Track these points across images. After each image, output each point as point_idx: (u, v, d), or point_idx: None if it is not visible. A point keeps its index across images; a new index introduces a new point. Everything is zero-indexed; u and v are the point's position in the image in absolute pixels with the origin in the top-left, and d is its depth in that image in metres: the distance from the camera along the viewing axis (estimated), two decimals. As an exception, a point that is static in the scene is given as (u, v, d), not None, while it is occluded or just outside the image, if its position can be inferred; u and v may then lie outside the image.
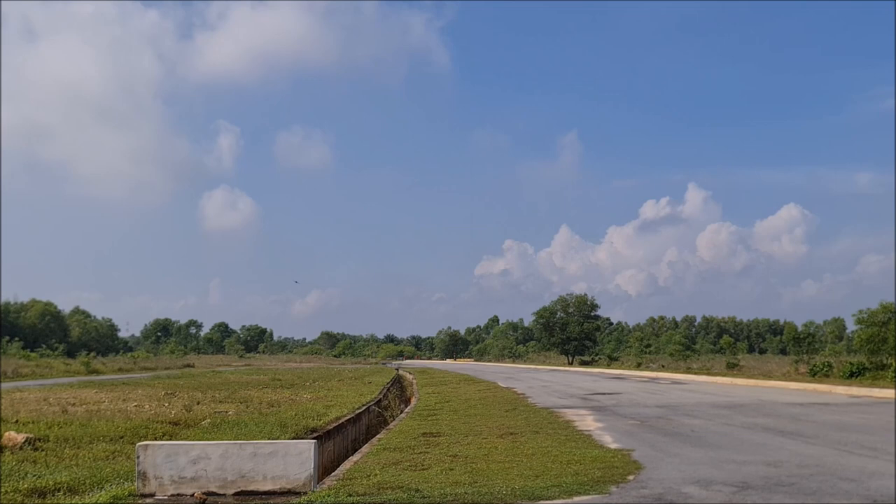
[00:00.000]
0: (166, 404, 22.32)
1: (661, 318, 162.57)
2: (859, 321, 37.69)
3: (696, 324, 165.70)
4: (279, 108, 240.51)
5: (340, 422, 18.63)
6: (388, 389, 33.37)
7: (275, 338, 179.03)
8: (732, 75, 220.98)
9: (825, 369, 35.73)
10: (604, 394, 27.39)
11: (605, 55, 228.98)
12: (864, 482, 8.95)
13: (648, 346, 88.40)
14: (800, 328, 65.03)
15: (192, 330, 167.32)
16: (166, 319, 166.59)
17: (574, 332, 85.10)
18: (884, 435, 13.72)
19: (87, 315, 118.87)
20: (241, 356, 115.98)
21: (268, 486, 9.04)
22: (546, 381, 38.18)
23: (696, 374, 44.24)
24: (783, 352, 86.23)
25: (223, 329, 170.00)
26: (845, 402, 22.16)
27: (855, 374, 32.76)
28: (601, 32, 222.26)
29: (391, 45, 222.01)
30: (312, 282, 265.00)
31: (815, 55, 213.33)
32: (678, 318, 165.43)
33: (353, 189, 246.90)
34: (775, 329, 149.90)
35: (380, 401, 26.88)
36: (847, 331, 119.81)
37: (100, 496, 8.83)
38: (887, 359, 33.76)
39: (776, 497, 8.13)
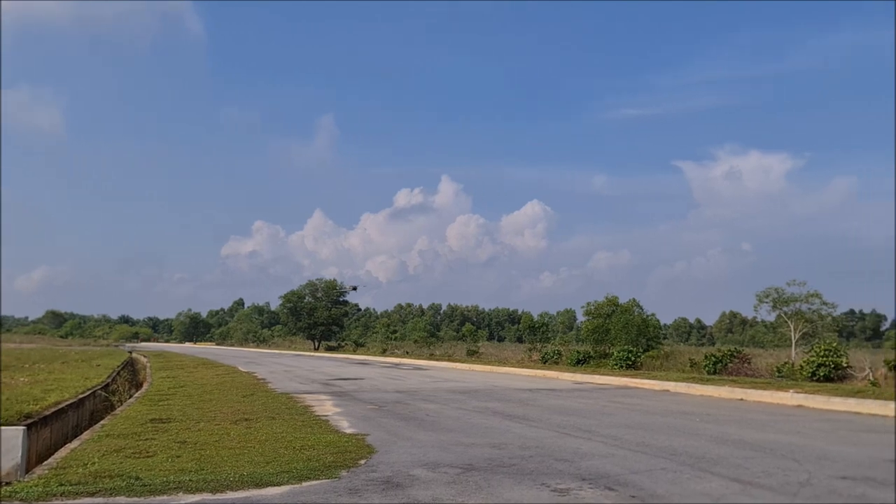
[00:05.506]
0: None
1: (409, 304, 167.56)
2: (587, 313, 40.93)
3: (441, 311, 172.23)
4: (2, 63, 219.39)
5: (60, 407, 17.25)
6: (119, 373, 31.53)
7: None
8: (487, 74, 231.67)
9: (555, 357, 38.31)
10: (346, 379, 27.55)
11: (366, 44, 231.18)
12: (577, 462, 9.54)
13: (395, 332, 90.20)
14: (535, 318, 69.21)
15: None
16: None
17: (322, 317, 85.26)
18: (598, 418, 14.81)
19: None
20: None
21: (-40, 480, 8.10)
22: (289, 366, 37.82)
23: (438, 360, 45.80)
24: (520, 340, 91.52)
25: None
26: (569, 388, 23.78)
27: (581, 362, 35.44)
28: (363, 21, 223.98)
29: (137, 3, 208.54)
30: (39, 255, 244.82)
31: (563, 62, 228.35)
32: (425, 306, 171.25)
33: (88, 157, 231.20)
34: (514, 318, 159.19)
35: (108, 385, 25.26)
36: (577, 321, 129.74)
37: None
38: (609, 348, 36.81)
39: (496, 477, 8.45)
